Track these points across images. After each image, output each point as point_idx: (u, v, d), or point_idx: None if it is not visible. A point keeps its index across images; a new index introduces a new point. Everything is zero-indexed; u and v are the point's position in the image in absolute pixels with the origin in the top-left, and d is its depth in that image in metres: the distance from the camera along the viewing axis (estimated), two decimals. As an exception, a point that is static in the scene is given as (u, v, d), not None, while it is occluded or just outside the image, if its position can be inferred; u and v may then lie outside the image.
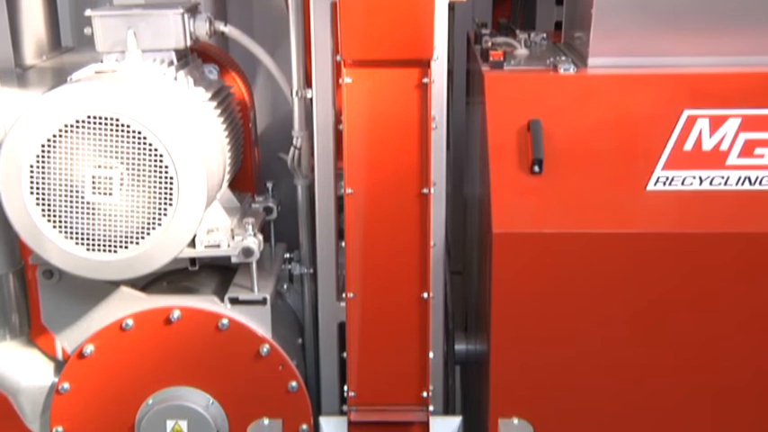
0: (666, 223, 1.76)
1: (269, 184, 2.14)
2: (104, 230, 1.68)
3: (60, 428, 1.92)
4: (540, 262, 1.78)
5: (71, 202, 1.67)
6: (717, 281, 1.77)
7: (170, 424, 1.89)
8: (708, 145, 1.74)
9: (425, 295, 1.74)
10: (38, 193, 1.66)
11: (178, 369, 1.90)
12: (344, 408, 1.83)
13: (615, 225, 1.76)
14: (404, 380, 1.80)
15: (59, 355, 2.03)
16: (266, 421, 1.47)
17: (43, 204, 1.67)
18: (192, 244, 1.81)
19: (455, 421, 1.87)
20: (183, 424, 1.89)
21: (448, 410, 2.11)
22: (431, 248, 1.73)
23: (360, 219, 1.75)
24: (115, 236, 1.69)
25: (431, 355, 1.78)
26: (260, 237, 1.88)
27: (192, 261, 1.91)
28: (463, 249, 2.38)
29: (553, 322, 1.80)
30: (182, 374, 1.90)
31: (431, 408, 1.80)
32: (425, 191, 1.72)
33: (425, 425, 1.82)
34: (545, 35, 2.18)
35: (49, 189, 1.66)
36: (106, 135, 1.64)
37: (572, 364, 1.83)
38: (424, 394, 1.79)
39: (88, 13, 1.82)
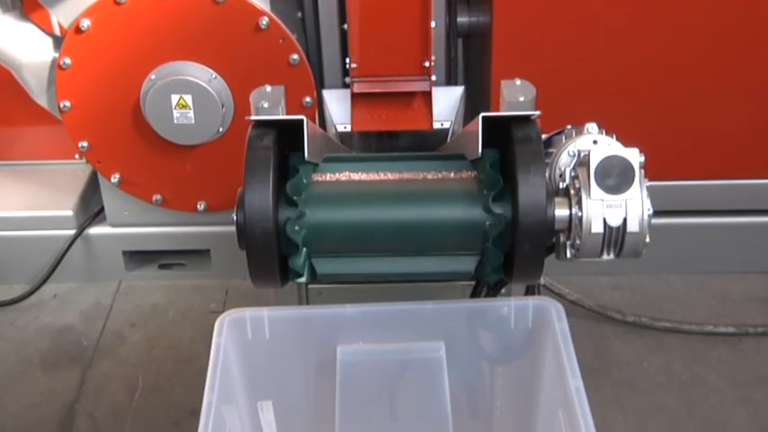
0: None
1: None
2: None
3: (68, 103, 1.94)
4: None
5: None
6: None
7: (175, 98, 1.90)
8: None
9: (426, -40, 1.68)
10: None
11: (177, 43, 1.88)
12: (347, 80, 1.83)
13: None
14: (405, 50, 1.78)
15: (57, 30, 2.01)
16: (269, 88, 1.47)
17: None
18: None
19: (457, 90, 1.88)
20: (188, 98, 1.90)
21: (450, 82, 2.11)
22: None
23: None
24: None
25: (432, 23, 1.75)
26: None
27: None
28: None
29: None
30: (181, 49, 1.89)
31: (433, 77, 1.80)
32: None
33: (428, 95, 1.82)
34: None
35: None
36: None
37: (573, 28, 1.83)
38: (426, 64, 1.78)
39: None
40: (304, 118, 1.19)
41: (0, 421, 1.88)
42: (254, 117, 1.24)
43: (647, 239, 1.17)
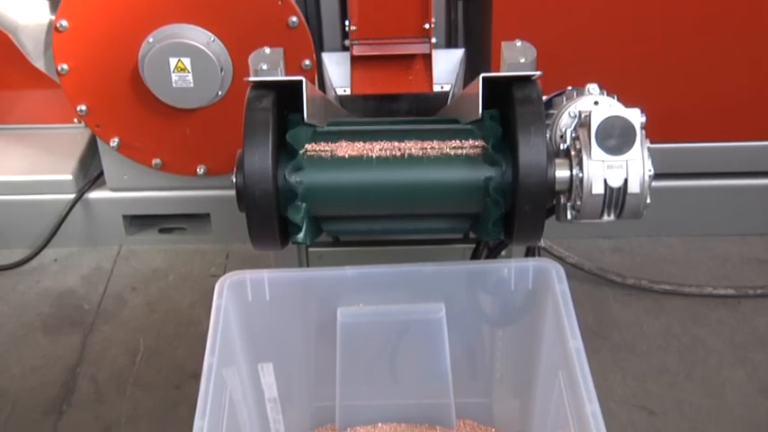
0: None
1: None
2: None
3: (65, 66, 1.93)
4: None
5: None
6: None
7: (173, 61, 1.89)
8: None
9: None
10: None
11: (175, 6, 1.86)
12: (346, 43, 1.81)
13: None
14: (405, 12, 1.77)
15: (53, -7, 1.99)
16: (267, 50, 1.45)
17: None
18: None
19: (458, 53, 1.86)
20: (186, 61, 1.89)
21: (451, 45, 2.10)
22: None
23: None
24: None
25: (432, -16, 1.74)
26: None
27: None
28: None
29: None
30: (180, 11, 1.87)
31: (433, 40, 1.79)
32: None
33: (428, 57, 1.81)
34: None
35: None
36: None
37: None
38: (426, 26, 1.76)
39: None
40: (303, 79, 1.18)
41: (3, 384, 1.90)
42: (252, 78, 1.23)
43: (648, 200, 1.16)
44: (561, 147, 1.21)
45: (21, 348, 1.99)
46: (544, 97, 1.23)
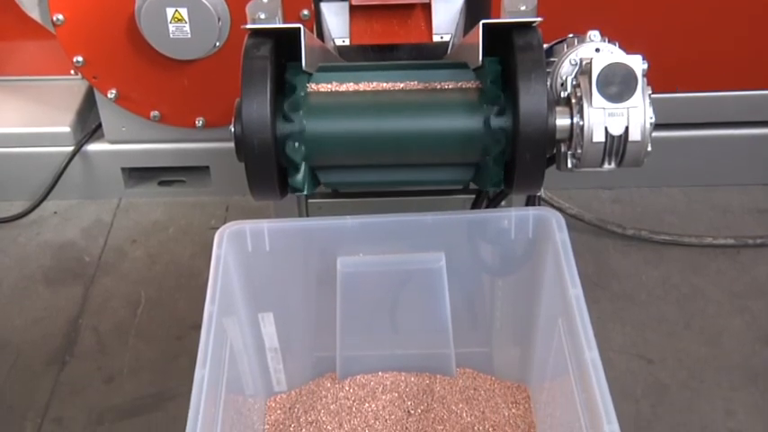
0: None
1: None
2: None
3: (60, 16, 1.91)
4: None
5: None
6: None
7: (170, 11, 1.87)
8: None
9: None
10: None
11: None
12: (345, -10, 1.79)
13: None
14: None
15: (48, -59, 1.96)
16: (265, -1, 1.43)
17: None
18: None
19: (458, 2, 1.82)
20: (183, 11, 1.87)
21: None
22: None
23: None
24: None
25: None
26: None
27: None
28: None
29: None
30: (176, -40, 1.85)
31: (432, -11, 1.76)
32: None
33: (427, 6, 1.78)
34: None
35: None
36: None
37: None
38: (426, -27, 1.74)
39: None
40: (301, 26, 1.17)
41: (6, 335, 1.91)
42: (250, 25, 1.22)
43: (649, 148, 1.16)
44: (562, 95, 1.20)
45: (22, 300, 2.00)
46: (545, 45, 1.22)
